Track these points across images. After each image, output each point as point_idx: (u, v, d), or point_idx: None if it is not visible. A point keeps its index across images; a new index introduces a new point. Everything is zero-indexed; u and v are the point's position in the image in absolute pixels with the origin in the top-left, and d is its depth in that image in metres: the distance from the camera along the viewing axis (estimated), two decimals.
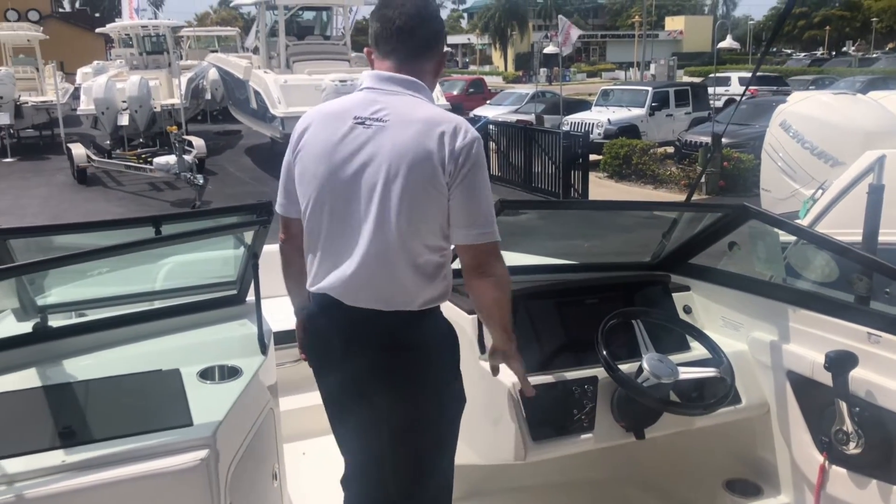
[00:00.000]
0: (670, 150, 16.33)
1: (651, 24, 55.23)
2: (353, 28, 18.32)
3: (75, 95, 20.16)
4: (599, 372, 2.42)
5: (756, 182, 13.81)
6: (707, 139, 14.15)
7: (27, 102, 18.74)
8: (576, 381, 2.43)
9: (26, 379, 2.12)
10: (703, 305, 2.90)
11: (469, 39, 69.65)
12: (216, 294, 2.59)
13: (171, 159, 12.72)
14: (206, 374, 2.26)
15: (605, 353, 2.36)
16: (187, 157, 12.68)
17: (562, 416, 2.40)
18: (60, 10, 45.05)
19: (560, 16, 15.08)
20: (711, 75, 35.66)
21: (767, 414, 2.63)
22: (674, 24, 67.35)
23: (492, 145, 15.46)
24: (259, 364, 2.35)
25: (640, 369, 2.37)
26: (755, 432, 2.70)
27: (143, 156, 15.13)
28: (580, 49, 57.57)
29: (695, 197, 13.55)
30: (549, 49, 22.45)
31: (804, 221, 4.61)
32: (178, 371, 2.23)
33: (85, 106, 16.45)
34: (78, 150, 14.70)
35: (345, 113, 2.04)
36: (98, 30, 25.89)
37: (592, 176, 13.39)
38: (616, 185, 14.79)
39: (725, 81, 28.08)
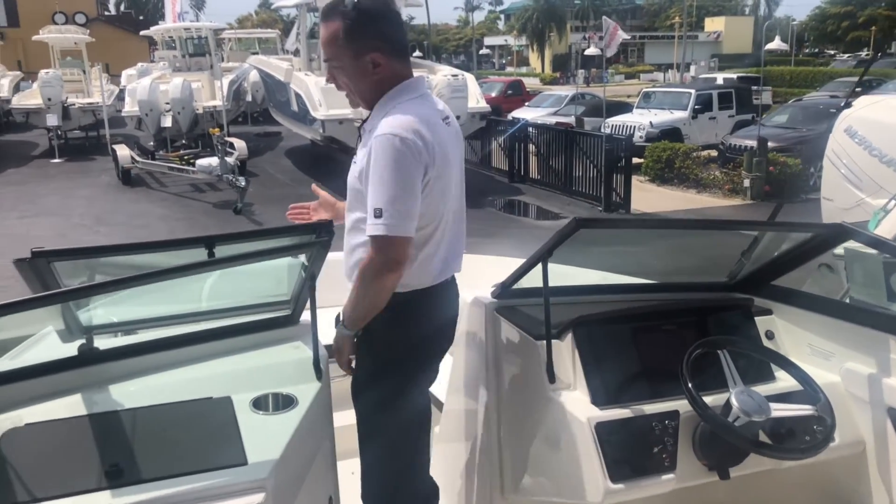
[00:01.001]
0: (713, 153, 16.05)
1: (691, 26, 54.44)
2: None
3: (120, 97, 20.52)
4: (681, 405, 2.22)
5: (803, 187, 13.60)
6: (752, 143, 13.86)
7: (74, 104, 19.11)
8: (655, 415, 2.23)
9: (71, 406, 2.04)
10: (787, 331, 2.67)
11: (506, 41, 69.45)
12: (269, 314, 2.48)
13: (213, 161, 12.84)
14: (259, 404, 2.14)
15: (690, 387, 2.15)
16: (229, 159, 12.80)
17: (641, 454, 2.20)
18: (106, 12, 45.95)
19: (604, 17, 14.85)
20: (704, 75, 35.12)
21: (863, 453, 2.41)
22: (714, 24, 66.34)
23: (531, 148, 15.37)
24: (315, 392, 2.24)
25: (728, 405, 2.16)
26: (849, 472, 2.48)
27: (186, 157, 15.33)
28: (618, 51, 57.00)
29: (738, 202, 13.37)
30: (591, 51, 22.29)
31: (881, 233, 4.39)
32: (229, 399, 2.12)
33: (129, 108, 16.70)
34: (123, 151, 14.95)
35: (436, 117, 2.25)
36: (142, 32, 26.34)
37: (634, 180, 13.20)
38: (658, 189, 14.57)
39: (712, 82, 27.90)
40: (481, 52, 67.30)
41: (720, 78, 29.57)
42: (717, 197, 13.87)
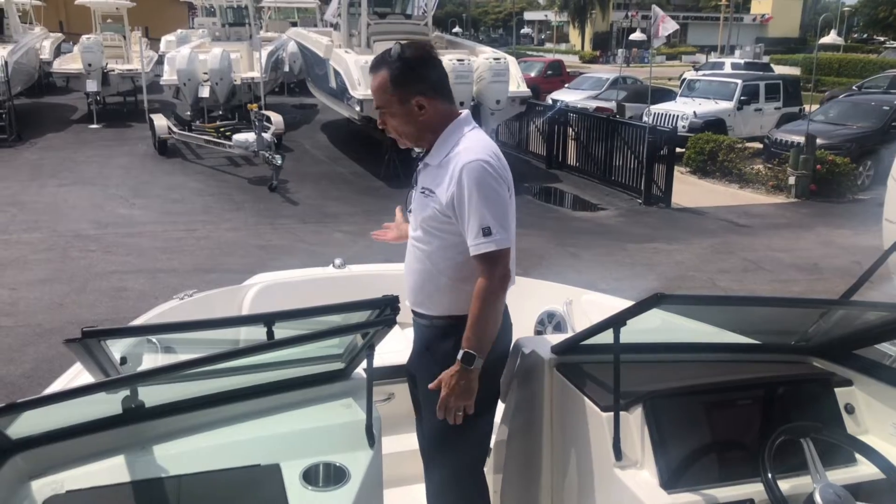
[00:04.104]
0: (757, 145, 15.63)
1: (737, 7, 53.03)
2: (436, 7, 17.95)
3: (159, 61, 20.53)
4: (755, 492, 2.07)
5: (850, 187, 13.20)
6: (799, 138, 13.45)
7: (114, 70, 19.15)
8: None
9: (113, 469, 1.95)
10: (868, 406, 2.47)
11: (546, 16, 68.29)
12: (319, 367, 2.36)
13: (250, 137, 12.76)
14: (309, 476, 2.04)
15: (771, 479, 1.96)
16: (266, 135, 12.71)
17: None
18: None
19: (654, 6, 14.44)
20: (713, 59, 34.13)
21: None
22: (760, 6, 64.61)
23: (570, 132, 15.07)
24: (367, 462, 2.13)
25: (812, 501, 1.97)
26: None
27: (222, 129, 15.27)
28: None
29: (781, 199, 13.02)
30: (636, 35, 21.79)
31: None
32: (278, 467, 2.02)
33: (168, 76, 16.64)
34: (160, 121, 14.96)
35: (495, 145, 2.44)
36: None
37: (674, 171, 12.89)
38: (699, 182, 14.26)
39: (720, 66, 27.24)
40: (522, 31, 66.00)
41: (727, 62, 28.93)
42: (759, 193, 13.55)
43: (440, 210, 2.35)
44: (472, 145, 2.34)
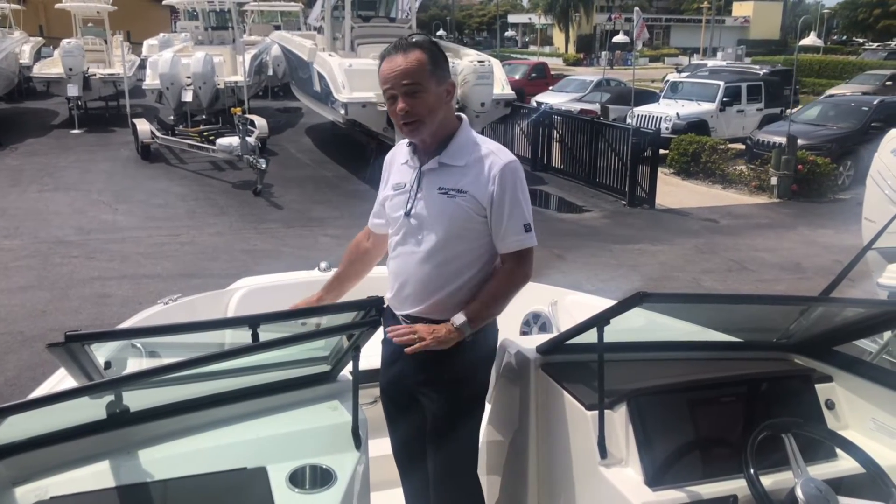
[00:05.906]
0: (740, 146, 15.75)
1: (718, 9, 53.41)
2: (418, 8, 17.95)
3: (141, 66, 20.39)
4: (738, 488, 2.08)
5: (831, 187, 13.34)
6: (781, 139, 13.57)
7: (95, 75, 18.98)
8: (712, 501, 2.08)
9: (98, 475, 1.92)
10: (848, 402, 2.48)
11: (530, 19, 68.53)
12: (305, 369, 2.34)
13: (233, 141, 12.71)
14: (295, 479, 2.03)
15: (754, 475, 1.98)
16: (250, 139, 12.65)
17: None
18: None
19: (637, 8, 14.55)
20: (696, 61, 34.52)
21: None
22: (742, 9, 65.18)
23: (555, 134, 15.13)
24: (354, 463, 2.12)
25: (793, 496, 1.99)
26: None
27: (206, 133, 15.20)
28: None
29: (764, 199, 13.14)
30: (619, 38, 21.97)
31: None
32: (264, 470, 2.01)
33: (151, 80, 16.56)
34: (142, 126, 14.86)
35: None
36: (164, 1, 26.05)
37: (658, 173, 12.97)
38: (683, 184, 14.35)
39: (703, 68, 27.67)
40: (506, 34, 66.14)
41: (710, 64, 29.27)
42: (742, 193, 13.66)
43: (475, 210, 2.32)
44: (500, 146, 2.40)
